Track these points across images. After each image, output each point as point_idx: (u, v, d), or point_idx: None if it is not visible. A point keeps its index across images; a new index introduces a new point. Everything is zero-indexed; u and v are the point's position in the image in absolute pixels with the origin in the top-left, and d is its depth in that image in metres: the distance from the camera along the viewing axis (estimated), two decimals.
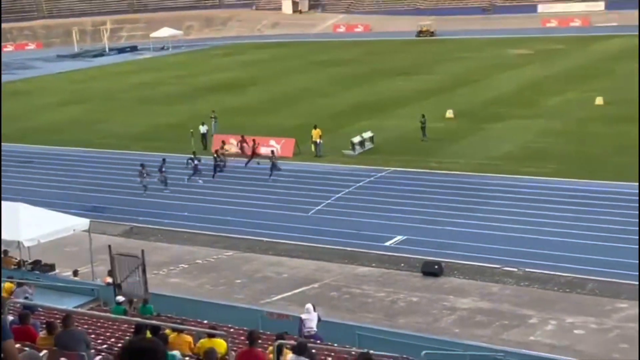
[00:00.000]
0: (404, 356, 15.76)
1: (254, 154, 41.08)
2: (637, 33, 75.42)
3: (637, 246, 26.85)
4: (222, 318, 19.38)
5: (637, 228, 27.99)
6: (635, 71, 58.21)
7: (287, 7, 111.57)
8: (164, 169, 37.39)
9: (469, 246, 28.63)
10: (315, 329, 18.97)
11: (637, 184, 31.76)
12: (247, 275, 28.30)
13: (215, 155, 39.83)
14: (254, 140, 41.90)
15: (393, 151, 41.53)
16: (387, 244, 29.93)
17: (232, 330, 16.86)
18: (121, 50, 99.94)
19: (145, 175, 36.91)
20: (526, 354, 19.62)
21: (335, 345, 17.97)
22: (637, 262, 25.81)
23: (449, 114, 48.71)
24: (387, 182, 36.72)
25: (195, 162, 38.52)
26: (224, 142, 42.14)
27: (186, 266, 29.26)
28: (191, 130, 45.33)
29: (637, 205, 30.45)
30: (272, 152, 39.50)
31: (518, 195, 33.73)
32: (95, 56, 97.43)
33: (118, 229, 33.28)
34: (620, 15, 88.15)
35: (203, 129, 46.03)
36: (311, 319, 19.27)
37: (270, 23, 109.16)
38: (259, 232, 31.90)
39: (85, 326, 16.04)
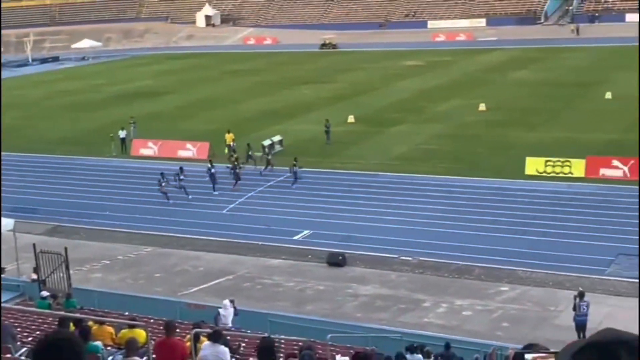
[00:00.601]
0: (312, 340, 15.78)
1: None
2: (531, 46, 77.59)
3: (547, 238, 27.60)
4: (142, 310, 19.07)
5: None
6: (513, 80, 59.88)
7: (200, 21, 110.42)
8: (182, 177, 35.27)
9: (369, 238, 28.92)
10: (230, 324, 18.81)
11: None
12: (166, 270, 27.93)
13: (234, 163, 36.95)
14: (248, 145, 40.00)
15: (300, 153, 41.51)
16: (296, 238, 29.99)
17: (151, 320, 16.61)
18: (44, 61, 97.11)
19: (164, 184, 34.82)
20: (421, 334, 19.95)
21: (249, 331, 17.89)
22: (544, 252, 26.58)
23: (351, 119, 49.07)
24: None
25: (213, 170, 36.31)
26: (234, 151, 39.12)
27: (108, 262, 28.68)
28: (111, 135, 44.46)
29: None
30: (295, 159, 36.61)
31: (412, 191, 34.25)
32: (19, 66, 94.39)
33: (42, 228, 32.37)
34: (498, 30, 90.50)
35: (122, 133, 45.17)
36: (227, 315, 19.13)
37: (185, 35, 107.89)
38: (177, 229, 31.54)
39: (12, 320, 15.54)
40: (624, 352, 1.51)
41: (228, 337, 14.00)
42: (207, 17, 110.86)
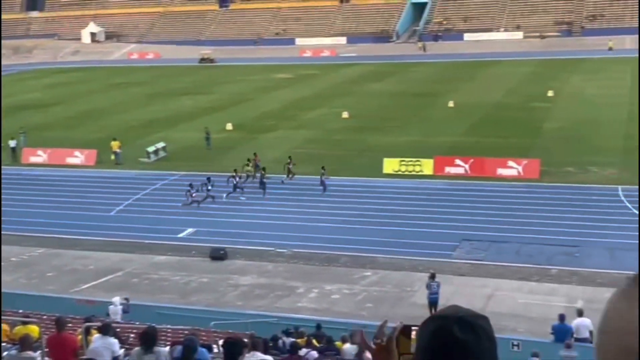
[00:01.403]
0: (196, 327, 15.53)
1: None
2: (385, 61, 79.31)
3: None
4: (36, 307, 18.19)
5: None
6: (370, 91, 61.14)
7: (86, 37, 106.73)
8: (210, 187, 33.04)
9: (248, 234, 28.79)
10: (119, 319, 18.29)
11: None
12: (58, 269, 26.78)
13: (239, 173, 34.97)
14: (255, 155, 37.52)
15: (183, 158, 40.93)
16: (180, 235, 29.46)
17: (44, 317, 15.87)
18: None
19: (195, 193, 32.45)
20: (295, 317, 20.04)
21: (137, 323, 17.41)
22: (400, 240, 27.16)
23: (229, 126, 48.69)
24: (179, 184, 36.11)
25: (237, 179, 34.13)
26: (249, 160, 36.44)
27: (3, 264, 27.18)
28: (2, 145, 42.27)
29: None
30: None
31: (286, 190, 34.36)
32: None
33: None
34: (357, 47, 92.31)
35: (12, 143, 42.99)
36: (116, 311, 18.59)
37: (71, 51, 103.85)
38: (67, 231, 30.29)
39: None
40: (456, 326, 1.59)
41: (118, 330, 13.56)
42: (92, 34, 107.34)
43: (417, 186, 34.10)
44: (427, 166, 36.02)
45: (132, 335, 15.07)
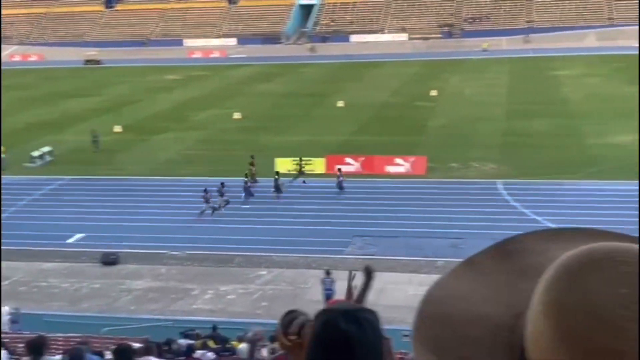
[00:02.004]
0: (87, 335, 15.04)
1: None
2: (275, 62, 79.24)
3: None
4: None
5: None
6: (261, 92, 61.11)
7: None
8: (224, 192, 31.34)
9: (141, 237, 28.13)
10: (8, 331, 17.50)
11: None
12: None
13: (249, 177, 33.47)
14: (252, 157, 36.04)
15: (70, 162, 39.47)
16: (69, 241, 28.40)
17: None
18: None
19: (210, 199, 30.82)
20: (191, 319, 19.78)
21: (27, 332, 16.66)
22: (294, 238, 27.20)
23: (117, 128, 47.41)
24: (67, 189, 34.86)
25: (249, 184, 32.73)
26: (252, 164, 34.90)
27: None
28: None
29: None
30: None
31: (179, 192, 33.80)
32: None
33: None
34: (247, 49, 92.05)
35: None
36: (4, 322, 17.79)
37: None
38: None
39: None
40: (341, 318, 1.66)
41: (7, 340, 12.94)
42: None
43: (310, 184, 34.35)
44: (319, 165, 36.37)
45: (20, 345, 14.40)
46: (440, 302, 1.09)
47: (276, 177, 32.81)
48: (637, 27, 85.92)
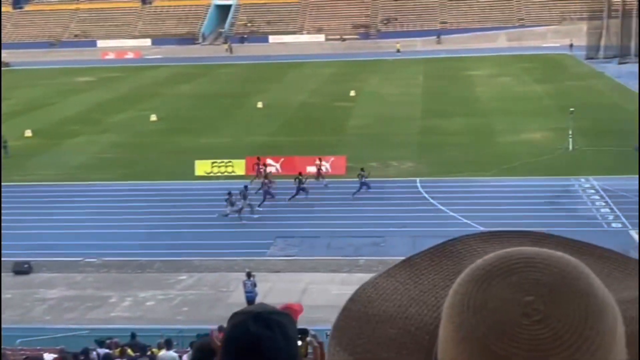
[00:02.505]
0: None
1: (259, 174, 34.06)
2: (192, 63, 78.12)
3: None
4: None
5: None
6: (178, 93, 60.21)
7: None
8: (247, 195, 30.17)
9: (54, 244, 27.20)
10: None
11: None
12: None
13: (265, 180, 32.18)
14: (258, 159, 35.19)
15: None
16: None
17: None
18: None
19: (233, 202, 29.58)
20: (108, 328, 19.26)
21: None
22: (215, 242, 26.81)
23: (28, 133, 45.74)
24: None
25: (268, 187, 31.57)
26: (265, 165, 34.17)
27: None
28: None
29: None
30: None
31: (93, 197, 32.86)
32: None
33: None
34: (163, 49, 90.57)
35: None
36: None
37: None
38: None
39: None
40: (251, 321, 1.66)
41: None
42: None
43: (230, 187, 34.00)
44: (239, 167, 36.09)
45: None
46: (367, 301, 1.06)
47: (300, 177, 31.99)
48: (544, 28, 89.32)
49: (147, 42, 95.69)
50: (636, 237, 24.80)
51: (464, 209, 28.87)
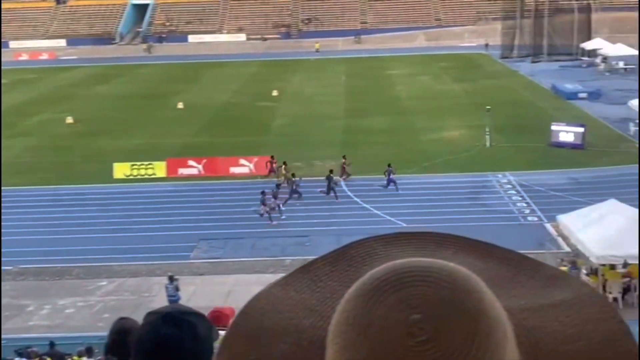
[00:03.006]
0: None
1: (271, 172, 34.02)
2: (110, 64, 76.23)
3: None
4: None
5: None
6: (96, 94, 58.74)
7: None
8: (278, 194, 29.49)
9: None
10: None
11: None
12: None
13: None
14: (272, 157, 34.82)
15: None
16: None
17: None
18: None
19: (266, 201, 28.84)
20: (26, 337, 18.61)
21: None
22: (136, 246, 26.15)
23: None
24: None
25: (295, 185, 30.91)
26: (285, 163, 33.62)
27: None
28: None
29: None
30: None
31: (8, 203, 31.60)
32: None
33: None
34: (78, 50, 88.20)
35: None
36: None
37: None
38: None
39: None
40: (161, 321, 1.63)
41: None
42: None
43: (150, 189, 33.43)
44: (159, 169, 35.48)
45: None
46: (259, 314, 0.97)
47: (330, 175, 31.57)
48: (461, 28, 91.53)
49: (62, 42, 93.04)
50: (551, 229, 25.65)
51: (388, 207, 29.26)
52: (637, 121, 38.74)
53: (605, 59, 63.03)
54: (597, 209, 21.67)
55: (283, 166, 33.41)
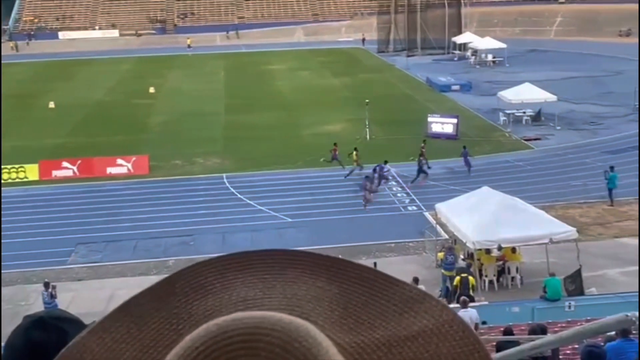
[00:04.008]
0: None
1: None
2: None
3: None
4: None
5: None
6: None
7: None
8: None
9: None
10: None
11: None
12: None
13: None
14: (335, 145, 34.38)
15: None
16: None
17: None
18: None
19: (373, 186, 29.13)
20: None
21: None
22: (9, 253, 24.76)
23: None
24: None
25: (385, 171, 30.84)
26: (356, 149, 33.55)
27: None
28: None
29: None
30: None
31: None
32: None
33: None
34: None
35: None
36: None
37: None
38: None
39: None
40: (30, 327, 1.60)
41: None
42: None
43: (22, 194, 31.88)
44: (31, 172, 33.90)
45: None
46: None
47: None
48: (338, 23, 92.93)
49: None
50: (430, 217, 26.55)
51: (272, 202, 29.31)
52: (507, 112, 40.80)
53: (475, 52, 65.82)
54: (472, 196, 22.58)
55: (355, 152, 33.37)
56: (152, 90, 54.79)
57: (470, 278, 19.37)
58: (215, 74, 63.18)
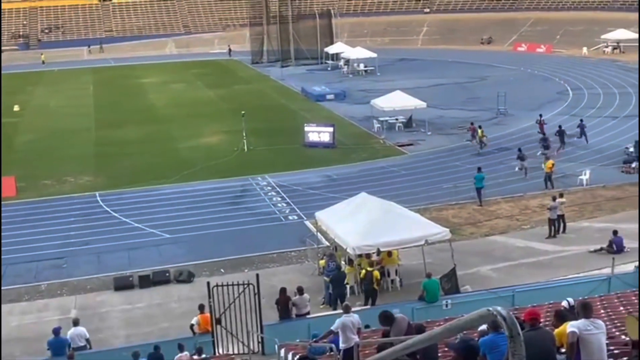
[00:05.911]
0: None
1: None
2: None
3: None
4: None
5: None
6: None
7: None
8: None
9: None
10: None
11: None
12: None
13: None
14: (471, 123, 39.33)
15: None
16: None
17: None
18: None
19: (523, 157, 32.07)
20: None
21: None
22: None
23: None
24: None
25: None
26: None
27: None
28: None
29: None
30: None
31: None
32: None
33: None
34: None
35: None
36: None
37: None
38: None
39: None
40: None
41: None
42: None
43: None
44: None
45: None
46: None
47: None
48: (210, 35, 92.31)
49: None
50: (310, 225, 26.78)
51: (149, 219, 28.61)
52: (381, 119, 41.91)
53: (347, 61, 67.24)
54: (350, 202, 22.98)
55: (480, 130, 37.12)
56: (16, 108, 52.25)
57: (375, 272, 19.79)
58: (83, 89, 61.09)
